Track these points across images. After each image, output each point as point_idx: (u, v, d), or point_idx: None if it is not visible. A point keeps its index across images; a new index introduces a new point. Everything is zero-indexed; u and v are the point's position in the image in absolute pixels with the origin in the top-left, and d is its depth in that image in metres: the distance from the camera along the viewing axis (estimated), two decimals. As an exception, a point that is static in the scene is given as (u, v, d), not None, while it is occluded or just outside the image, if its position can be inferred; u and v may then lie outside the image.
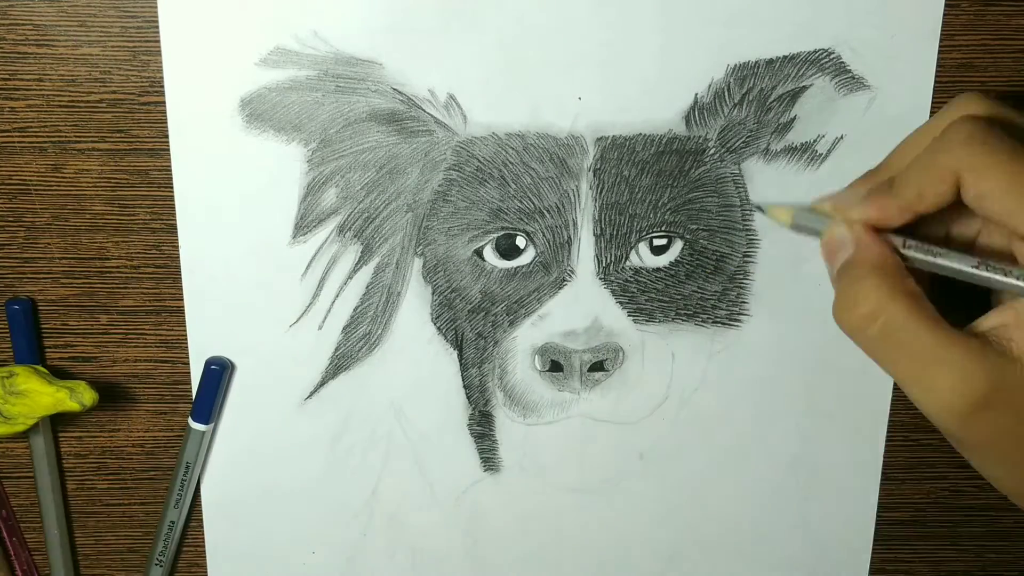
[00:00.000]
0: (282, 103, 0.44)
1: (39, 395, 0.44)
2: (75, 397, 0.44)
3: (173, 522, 0.49)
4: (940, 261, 0.37)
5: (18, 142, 0.45)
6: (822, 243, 0.39)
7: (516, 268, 0.46)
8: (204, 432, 0.47)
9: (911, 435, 0.50)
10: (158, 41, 0.43)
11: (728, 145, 0.45)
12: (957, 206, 0.36)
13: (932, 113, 0.45)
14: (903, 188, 0.37)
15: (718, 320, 0.48)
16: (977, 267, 0.36)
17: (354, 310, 0.47)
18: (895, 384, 0.49)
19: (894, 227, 0.37)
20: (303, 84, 0.43)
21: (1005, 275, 0.36)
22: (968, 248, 0.38)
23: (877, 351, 0.36)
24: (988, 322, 0.36)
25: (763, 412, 0.49)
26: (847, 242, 0.38)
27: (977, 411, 0.35)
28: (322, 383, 0.48)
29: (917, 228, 0.37)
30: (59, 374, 0.47)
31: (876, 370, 0.49)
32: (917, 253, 0.37)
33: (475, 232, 0.46)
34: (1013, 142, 0.35)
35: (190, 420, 0.47)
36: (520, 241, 0.46)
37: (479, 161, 0.45)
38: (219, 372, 0.47)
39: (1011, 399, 0.34)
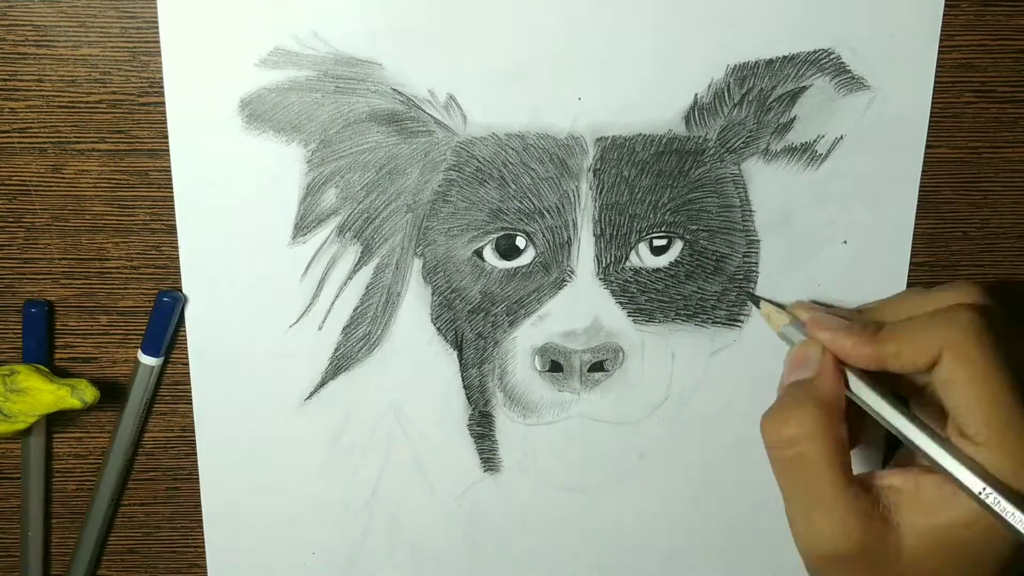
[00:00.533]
0: (282, 104, 0.44)
1: (40, 393, 0.44)
2: (76, 394, 0.44)
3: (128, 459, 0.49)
4: (880, 411, 0.39)
5: (18, 143, 0.45)
6: (790, 352, 0.42)
7: (516, 268, 0.46)
8: (153, 367, 0.47)
9: (911, 435, 0.50)
10: (158, 42, 0.43)
11: (728, 145, 0.45)
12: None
13: (932, 114, 0.45)
14: (886, 342, 0.39)
15: (718, 320, 0.48)
16: (911, 427, 0.39)
17: (354, 310, 0.47)
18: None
19: (857, 367, 0.40)
20: (303, 85, 0.43)
21: (933, 442, 0.38)
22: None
23: (780, 471, 0.39)
24: (888, 479, 0.38)
25: (763, 412, 0.49)
26: (813, 365, 0.40)
27: (837, 561, 0.37)
28: (322, 383, 0.48)
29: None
30: (60, 374, 0.47)
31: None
32: (863, 396, 0.40)
33: (475, 232, 0.46)
34: (1001, 351, 0.37)
35: (140, 353, 0.47)
36: (520, 241, 0.46)
37: (479, 161, 0.45)
38: (171, 304, 0.46)
39: (874, 560, 0.37)
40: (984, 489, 0.35)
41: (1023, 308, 0.44)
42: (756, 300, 0.46)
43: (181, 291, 0.46)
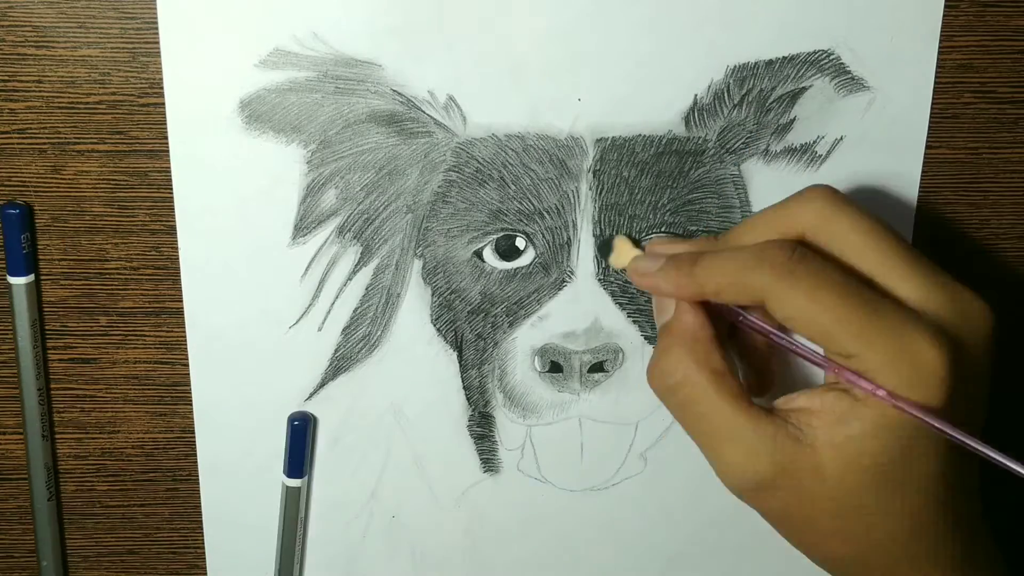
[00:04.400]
0: (281, 104, 0.44)
1: None
2: None
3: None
4: (772, 337, 0.38)
5: (17, 143, 0.45)
6: (629, 270, 0.41)
7: (516, 269, 0.46)
8: (299, 487, 0.48)
9: (911, 436, 0.50)
10: (157, 42, 0.43)
11: (728, 146, 0.45)
12: None
13: (932, 114, 0.45)
14: (706, 277, 0.37)
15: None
16: (799, 342, 0.38)
17: (354, 311, 0.47)
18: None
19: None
20: (302, 85, 0.43)
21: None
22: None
23: (679, 417, 0.38)
24: (795, 402, 0.37)
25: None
26: (668, 305, 0.39)
27: (761, 489, 0.36)
28: (322, 384, 0.48)
29: None
30: (60, 375, 0.47)
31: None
32: (747, 326, 0.39)
33: (475, 233, 0.46)
34: (826, 263, 0.36)
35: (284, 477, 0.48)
36: (520, 242, 0.46)
37: (479, 162, 0.45)
38: (302, 427, 0.47)
39: (796, 482, 0.36)
40: (877, 389, 0.34)
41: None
42: (609, 241, 0.45)
43: (310, 414, 0.48)
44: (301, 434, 0.47)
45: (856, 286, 0.35)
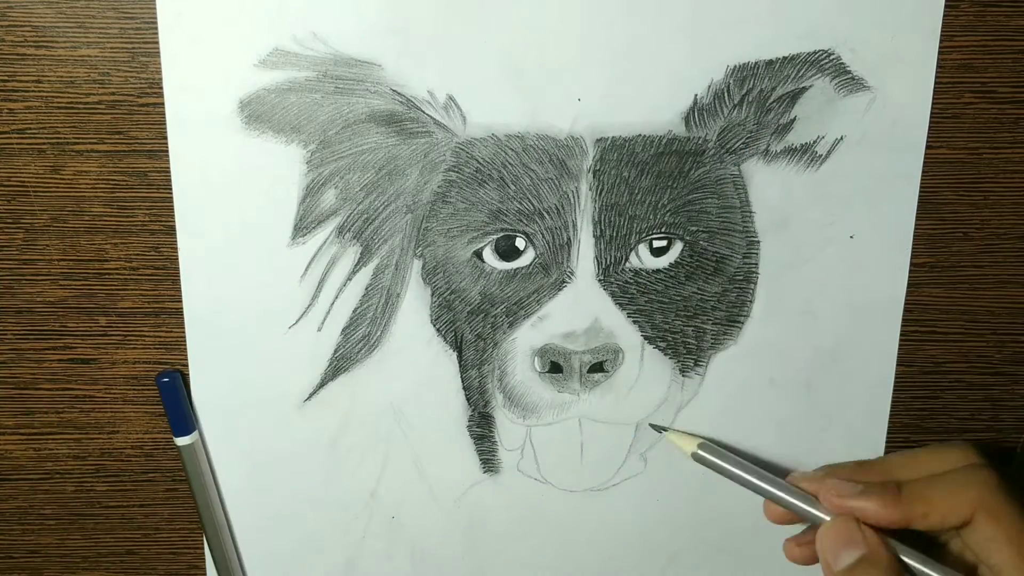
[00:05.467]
0: (281, 104, 0.44)
1: None
2: None
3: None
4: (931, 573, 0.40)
5: (17, 144, 0.45)
6: (821, 532, 0.42)
7: (516, 269, 0.46)
8: (191, 444, 0.48)
9: (912, 436, 0.50)
10: (157, 42, 0.43)
11: (728, 146, 0.45)
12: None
13: (932, 114, 0.45)
14: (915, 501, 0.40)
15: (718, 321, 0.48)
16: None
17: (353, 311, 0.47)
18: (896, 384, 0.49)
19: (884, 529, 0.40)
20: (302, 85, 0.43)
21: None
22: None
23: None
24: None
25: (763, 412, 0.49)
26: (858, 541, 0.41)
27: None
28: (321, 384, 0.48)
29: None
30: (59, 375, 0.47)
31: (876, 370, 0.49)
32: (913, 562, 0.41)
33: (474, 233, 0.46)
34: (1020, 503, 0.39)
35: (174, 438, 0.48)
36: (520, 242, 0.46)
37: (478, 162, 0.45)
38: (171, 384, 0.47)
39: None
40: None
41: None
42: (660, 430, 0.48)
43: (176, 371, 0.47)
44: (172, 391, 0.47)
45: None
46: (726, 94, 0.44)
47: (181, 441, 0.48)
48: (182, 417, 0.47)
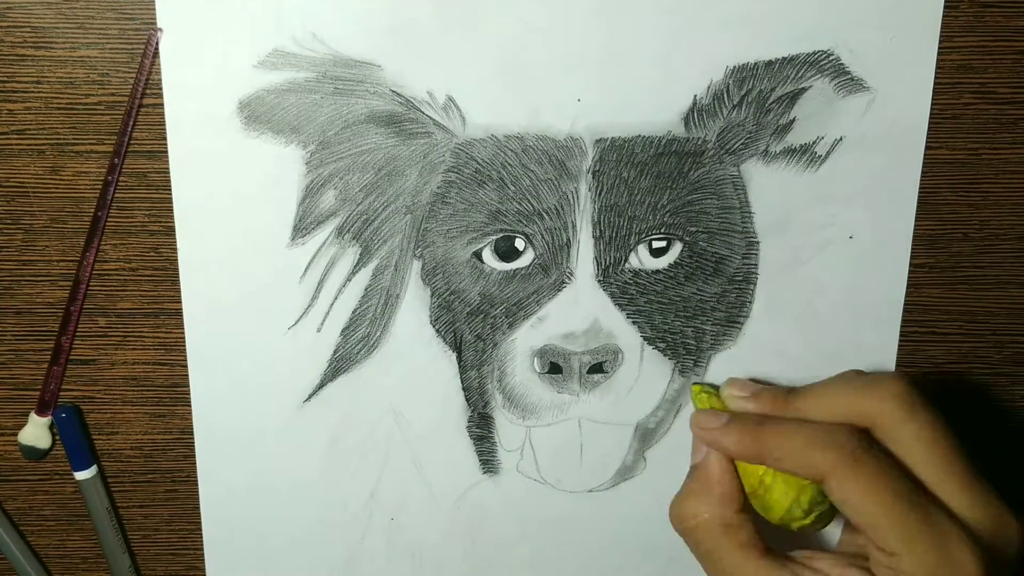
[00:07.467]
0: (280, 105, 0.44)
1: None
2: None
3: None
4: None
5: (16, 144, 0.45)
6: (692, 423, 0.44)
7: (515, 270, 0.46)
8: (89, 479, 0.49)
9: (911, 436, 0.50)
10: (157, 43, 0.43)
11: (727, 147, 0.45)
12: None
13: (932, 114, 0.45)
14: (770, 448, 0.40)
15: (717, 321, 0.48)
16: None
17: (353, 312, 0.47)
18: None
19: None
20: (301, 86, 0.43)
21: None
22: None
23: (694, 554, 0.42)
24: (815, 563, 0.40)
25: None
26: (703, 448, 0.43)
27: None
28: (321, 385, 0.48)
29: None
30: (57, 376, 0.47)
31: (876, 371, 0.49)
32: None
33: (474, 234, 0.46)
34: (888, 460, 0.38)
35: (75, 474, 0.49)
36: (519, 243, 0.46)
37: (478, 163, 0.45)
38: (68, 419, 0.48)
39: None
40: None
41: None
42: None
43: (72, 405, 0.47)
44: (69, 426, 0.48)
45: (910, 489, 0.37)
46: (725, 95, 0.44)
47: (80, 475, 0.48)
48: (81, 452, 0.48)
